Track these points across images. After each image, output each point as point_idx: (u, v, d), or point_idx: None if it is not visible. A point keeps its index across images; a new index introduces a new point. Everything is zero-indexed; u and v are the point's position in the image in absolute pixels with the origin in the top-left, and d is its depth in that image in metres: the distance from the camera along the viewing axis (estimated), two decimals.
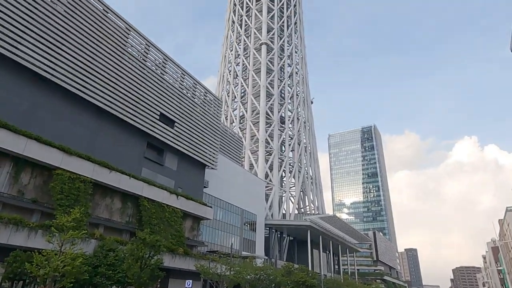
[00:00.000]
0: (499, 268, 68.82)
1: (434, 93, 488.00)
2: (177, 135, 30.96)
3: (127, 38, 27.41)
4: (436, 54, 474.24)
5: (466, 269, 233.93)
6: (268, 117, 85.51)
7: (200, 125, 34.37)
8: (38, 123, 20.22)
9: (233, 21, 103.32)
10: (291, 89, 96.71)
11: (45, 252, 13.03)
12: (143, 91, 27.70)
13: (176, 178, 31.30)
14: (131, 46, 27.82)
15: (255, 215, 51.02)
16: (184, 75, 33.95)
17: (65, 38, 21.92)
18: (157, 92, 29.27)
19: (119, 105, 25.30)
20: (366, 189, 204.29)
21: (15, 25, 19.25)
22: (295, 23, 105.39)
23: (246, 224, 48.56)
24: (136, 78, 27.27)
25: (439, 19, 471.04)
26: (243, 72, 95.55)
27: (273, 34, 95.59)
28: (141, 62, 28.22)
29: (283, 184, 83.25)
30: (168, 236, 25.85)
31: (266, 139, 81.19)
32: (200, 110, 34.92)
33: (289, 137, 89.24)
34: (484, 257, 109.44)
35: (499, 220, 77.86)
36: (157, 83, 29.45)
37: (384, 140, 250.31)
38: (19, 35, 19.37)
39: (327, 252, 72.10)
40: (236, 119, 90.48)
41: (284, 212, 75.31)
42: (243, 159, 74.24)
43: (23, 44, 19.50)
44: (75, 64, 22.37)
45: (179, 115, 31.53)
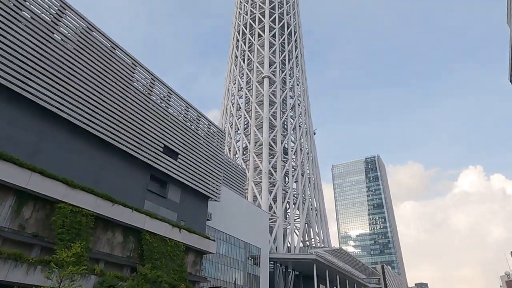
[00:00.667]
0: None
1: (436, 123, 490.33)
2: (180, 167, 30.99)
3: (133, 73, 28.21)
4: (437, 85, 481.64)
5: None
6: (271, 148, 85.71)
7: (203, 157, 34.47)
8: (43, 156, 20.38)
9: (236, 56, 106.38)
10: (293, 120, 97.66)
11: None
12: (147, 124, 28.09)
13: (179, 211, 30.95)
14: (137, 80, 28.56)
15: (259, 248, 49.77)
16: (188, 108, 34.54)
17: (73, 74, 22.59)
18: (162, 125, 29.67)
19: (124, 138, 25.57)
20: (372, 220, 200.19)
21: (27, 63, 19.90)
22: (296, 57, 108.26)
23: (250, 258, 47.25)
24: (141, 111, 27.76)
25: (438, 51, 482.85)
26: (246, 104, 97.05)
27: (275, 67, 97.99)
28: (147, 96, 28.84)
29: (287, 216, 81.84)
30: (170, 271, 25.15)
31: (270, 170, 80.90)
32: (204, 142, 35.17)
33: (293, 168, 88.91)
34: None
35: (511, 252, 75.42)
36: (161, 116, 29.92)
37: (388, 170, 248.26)
38: (30, 72, 19.98)
39: (334, 287, 69.45)
40: (239, 150, 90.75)
41: (289, 245, 73.45)
42: (246, 191, 73.57)
43: (33, 81, 20.07)
44: (82, 98, 22.89)
45: (182, 147, 31.73)
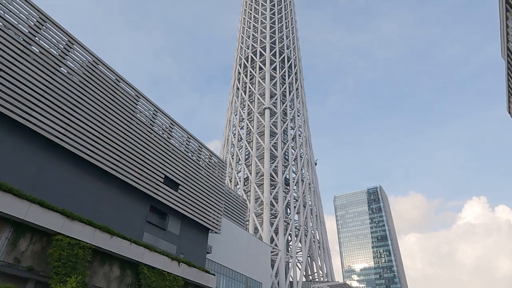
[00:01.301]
0: None
1: (436, 153, 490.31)
2: (181, 199, 30.68)
3: (137, 104, 28.67)
4: (436, 115, 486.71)
5: None
6: (273, 179, 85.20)
7: (204, 188, 34.21)
8: (43, 187, 20.26)
9: (238, 88, 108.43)
10: (294, 151, 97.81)
11: None
12: (149, 155, 28.15)
13: (178, 244, 30.26)
14: (140, 112, 28.97)
15: (260, 283, 48.11)
16: (190, 138, 34.75)
17: (78, 106, 22.96)
18: (163, 155, 29.73)
19: (125, 169, 25.54)
20: (377, 253, 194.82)
21: (32, 94, 20.29)
22: (297, 89, 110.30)
23: None
24: (143, 142, 27.92)
25: (436, 83, 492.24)
26: (247, 135, 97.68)
27: (276, 99, 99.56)
28: (149, 127, 29.12)
29: (289, 249, 79.82)
30: None
31: (271, 201, 79.92)
32: (205, 173, 35.05)
33: (294, 199, 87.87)
34: None
35: None
36: (163, 147, 30.05)
37: (390, 201, 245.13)
38: (34, 103, 20.32)
39: None
40: (240, 181, 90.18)
41: (291, 279, 71.06)
42: (247, 223, 72.33)
43: (38, 112, 20.36)
44: (85, 129, 23.11)
45: (183, 178, 31.59)
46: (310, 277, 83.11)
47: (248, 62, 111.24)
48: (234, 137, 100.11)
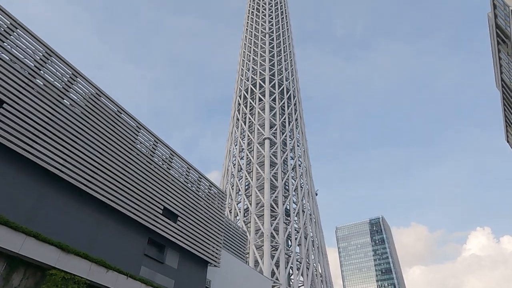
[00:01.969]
0: None
1: (437, 183, 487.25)
2: (180, 231, 30.10)
3: (137, 135, 28.87)
4: (435, 145, 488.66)
5: None
6: (273, 209, 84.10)
7: (203, 220, 33.67)
8: (41, 219, 19.95)
9: (238, 119, 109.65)
10: (295, 181, 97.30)
11: None
12: (148, 186, 27.97)
13: (176, 278, 29.33)
14: (140, 142, 29.11)
15: None
16: (190, 169, 34.67)
17: (78, 137, 23.11)
18: (162, 186, 29.52)
19: (124, 200, 25.28)
20: (381, 287, 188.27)
21: (34, 126, 20.49)
22: (296, 119, 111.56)
23: None
24: (143, 173, 27.83)
25: (433, 113, 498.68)
26: (247, 166, 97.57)
27: (276, 129, 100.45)
28: (149, 158, 29.14)
29: (291, 283, 77.36)
30: None
31: (272, 233, 78.40)
32: (204, 204, 34.64)
33: (295, 230, 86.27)
34: None
35: None
36: (162, 177, 29.92)
37: (392, 232, 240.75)
38: (36, 134, 20.48)
39: None
40: (240, 212, 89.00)
41: None
42: (247, 255, 70.54)
43: (39, 143, 20.47)
44: (85, 160, 23.13)
45: (182, 210, 31.18)
46: None
47: (248, 94, 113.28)
48: (234, 167, 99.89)
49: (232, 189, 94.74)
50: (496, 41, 44.17)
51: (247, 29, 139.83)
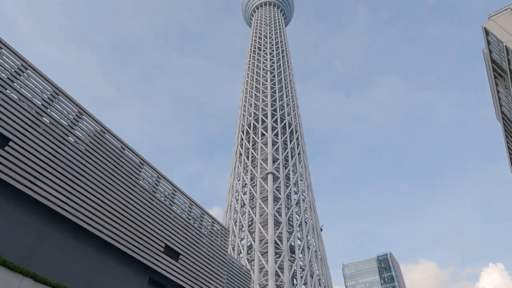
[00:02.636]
0: None
1: (444, 218, 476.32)
2: (182, 269, 29.17)
3: (140, 171, 28.87)
4: (439, 178, 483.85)
5: None
6: (277, 246, 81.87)
7: (206, 258, 32.72)
8: (39, 257, 19.47)
9: (241, 154, 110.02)
10: (299, 216, 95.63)
11: None
12: (150, 223, 27.53)
13: None
14: (143, 178, 29.04)
15: None
16: (192, 205, 34.26)
17: (82, 174, 23.12)
18: (164, 223, 29.04)
19: (125, 238, 24.77)
20: None
21: (38, 163, 20.58)
22: (299, 154, 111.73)
23: None
24: (145, 210, 27.51)
25: (436, 145, 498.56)
26: (251, 201, 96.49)
27: (278, 164, 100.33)
28: (151, 194, 28.93)
29: None
30: None
31: (276, 271, 75.76)
32: (207, 241, 33.84)
33: (301, 268, 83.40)
34: None
35: None
36: (165, 214, 29.51)
37: (401, 270, 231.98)
38: (39, 172, 20.51)
39: None
40: (243, 249, 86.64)
41: None
42: None
43: (42, 181, 20.45)
44: (88, 198, 22.97)
45: (184, 247, 30.42)
46: None
47: (250, 129, 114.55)
48: (237, 202, 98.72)
49: (235, 225, 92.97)
50: (493, 75, 45.10)
51: (249, 67, 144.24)
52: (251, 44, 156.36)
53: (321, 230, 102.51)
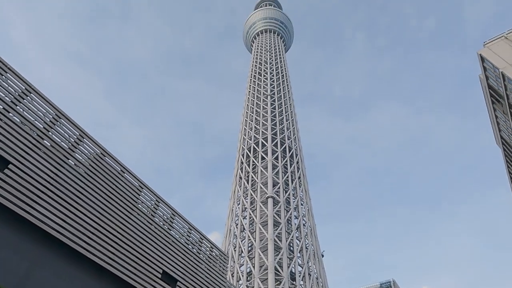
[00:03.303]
0: None
1: (448, 242, 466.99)
2: None
3: (139, 195, 28.65)
4: (441, 203, 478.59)
5: None
6: (277, 273, 79.98)
7: (204, 284, 31.86)
8: (32, 284, 18.95)
9: (241, 177, 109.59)
10: (299, 242, 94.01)
11: None
12: (148, 248, 27.01)
13: None
14: (142, 202, 28.77)
15: None
16: (191, 229, 33.75)
17: (80, 197, 22.94)
18: (162, 248, 28.50)
19: (121, 264, 24.22)
20: None
21: (37, 187, 20.45)
22: (299, 177, 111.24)
23: None
24: (143, 234, 27.07)
25: (437, 169, 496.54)
26: (250, 225, 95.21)
27: (279, 188, 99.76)
28: (149, 218, 28.58)
29: None
30: None
31: None
32: (205, 267, 33.07)
33: None
34: None
35: None
36: (163, 238, 29.01)
37: None
38: (38, 195, 20.36)
39: None
40: (243, 275, 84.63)
41: None
42: None
43: (39, 204, 20.26)
44: (86, 222, 22.66)
45: (182, 273, 29.68)
46: None
47: (250, 152, 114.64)
48: (237, 227, 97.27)
49: (235, 250, 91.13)
50: (491, 100, 45.64)
51: (249, 91, 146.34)
52: (252, 69, 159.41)
53: (322, 256, 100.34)
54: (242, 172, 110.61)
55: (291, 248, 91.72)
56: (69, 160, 23.26)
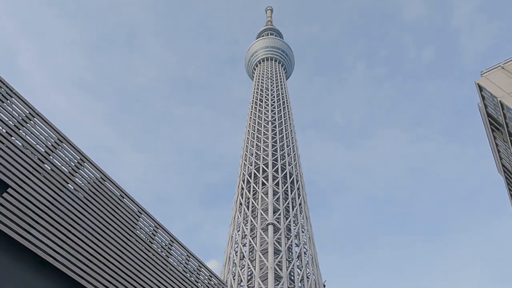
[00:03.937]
0: None
1: (454, 275, 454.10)
2: None
3: (138, 220, 28.25)
4: (445, 232, 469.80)
5: None
6: None
7: None
8: None
9: (241, 203, 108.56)
10: (300, 271, 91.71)
11: None
12: (145, 276, 26.29)
13: None
14: (140, 228, 28.33)
15: None
16: (189, 257, 32.98)
17: (78, 222, 22.60)
18: (159, 276, 27.73)
19: None
20: None
21: (35, 211, 20.21)
22: (300, 204, 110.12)
23: None
24: (140, 261, 26.44)
25: (438, 198, 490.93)
26: (250, 253, 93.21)
27: (279, 214, 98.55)
28: (147, 244, 28.03)
29: None
30: None
31: None
32: None
33: None
34: None
35: None
36: (160, 266, 28.30)
37: None
38: (36, 220, 20.07)
39: None
40: None
41: None
42: None
43: (36, 229, 19.94)
44: (82, 248, 22.19)
45: None
46: None
47: (251, 178, 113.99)
48: (236, 255, 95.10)
49: (234, 279, 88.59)
50: (490, 128, 45.90)
51: (250, 117, 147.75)
52: (253, 95, 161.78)
53: (324, 286, 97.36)
54: (242, 198, 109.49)
55: (292, 277, 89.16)
56: (69, 184, 23.12)
